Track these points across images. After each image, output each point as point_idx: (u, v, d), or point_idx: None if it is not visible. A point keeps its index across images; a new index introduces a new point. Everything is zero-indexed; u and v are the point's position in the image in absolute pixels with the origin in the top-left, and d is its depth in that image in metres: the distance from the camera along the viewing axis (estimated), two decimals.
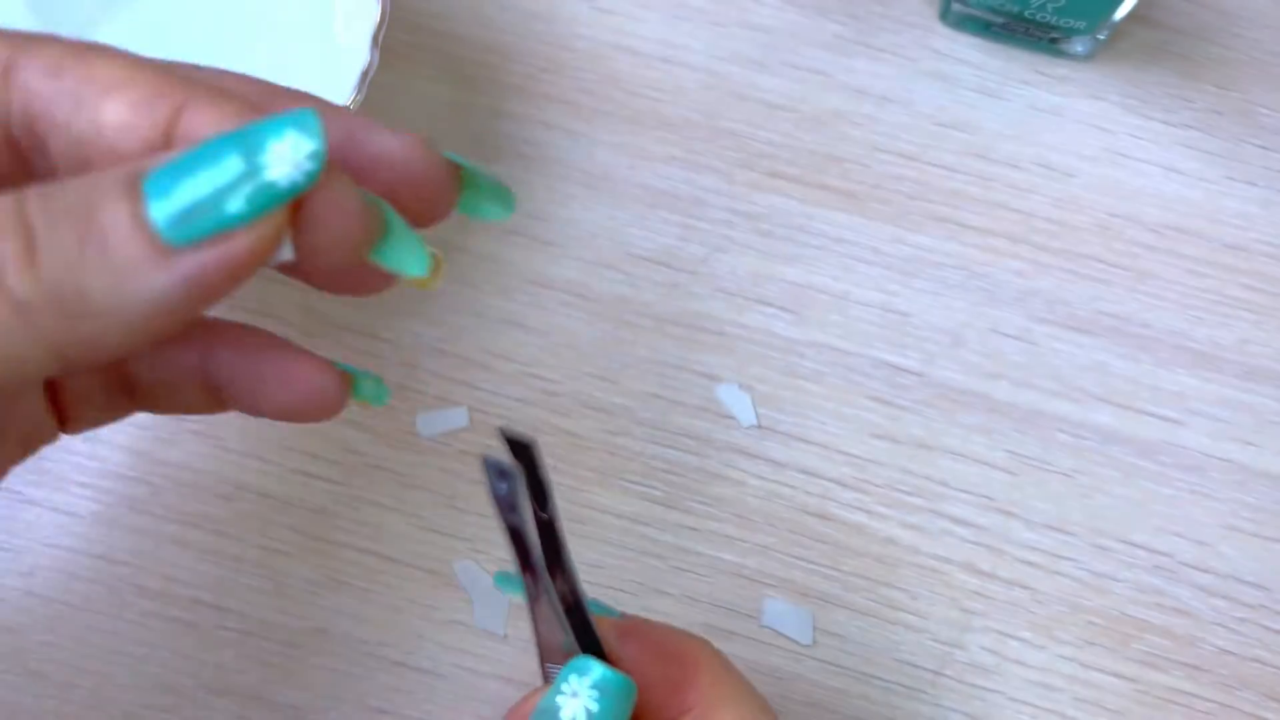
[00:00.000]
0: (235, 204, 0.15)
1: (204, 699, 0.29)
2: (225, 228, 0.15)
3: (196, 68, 0.19)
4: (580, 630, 0.19)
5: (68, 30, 0.34)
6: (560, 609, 0.19)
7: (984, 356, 0.33)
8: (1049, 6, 0.33)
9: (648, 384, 0.32)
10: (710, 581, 0.31)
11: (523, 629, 0.30)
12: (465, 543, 0.31)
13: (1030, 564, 0.31)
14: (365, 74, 0.31)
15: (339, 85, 0.31)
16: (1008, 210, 0.34)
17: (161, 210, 0.15)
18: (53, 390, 0.22)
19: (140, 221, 0.15)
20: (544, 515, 0.19)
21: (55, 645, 0.29)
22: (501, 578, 0.23)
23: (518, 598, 0.21)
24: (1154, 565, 0.31)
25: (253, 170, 0.15)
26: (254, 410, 0.22)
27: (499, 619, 0.30)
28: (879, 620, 0.30)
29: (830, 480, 0.31)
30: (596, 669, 0.18)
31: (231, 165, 0.15)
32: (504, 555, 0.30)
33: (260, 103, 0.17)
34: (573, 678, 0.18)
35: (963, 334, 0.33)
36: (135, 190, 0.15)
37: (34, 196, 0.15)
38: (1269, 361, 0.33)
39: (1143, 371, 0.33)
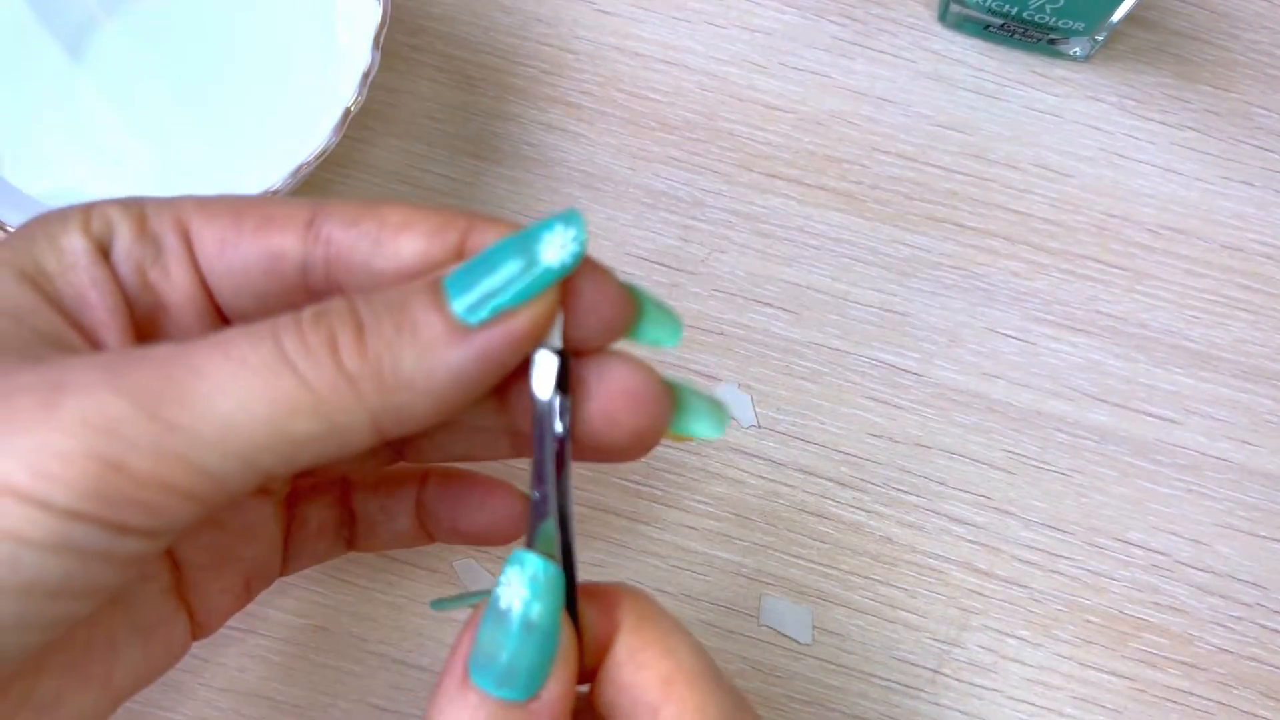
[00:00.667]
0: (516, 287, 0.18)
1: (206, 697, 0.29)
2: (508, 307, 0.18)
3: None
4: (565, 552, 0.20)
5: (67, 28, 0.34)
6: (560, 531, 0.20)
7: (981, 356, 0.33)
8: (1047, 8, 0.33)
9: None
10: (709, 580, 0.31)
11: None
12: None
13: (1028, 563, 0.31)
14: (366, 75, 0.31)
15: (339, 86, 0.31)
16: (1005, 211, 0.34)
17: (459, 300, 0.18)
18: (288, 523, 0.25)
19: (443, 308, 0.18)
20: (560, 432, 0.19)
21: None
22: (438, 603, 0.24)
23: (455, 612, 0.21)
24: (1151, 564, 0.31)
25: (531, 260, 0.18)
26: (453, 534, 0.26)
27: None
28: (877, 619, 0.31)
29: (829, 479, 0.32)
30: (530, 559, 0.19)
31: (515, 261, 0.18)
32: (500, 553, 0.31)
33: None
34: (511, 569, 0.19)
35: (960, 334, 0.33)
36: (438, 287, 0.18)
37: (360, 296, 0.18)
38: (1265, 361, 0.33)
39: (1139, 371, 0.33)
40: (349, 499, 0.26)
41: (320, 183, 0.34)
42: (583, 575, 0.21)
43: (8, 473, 0.16)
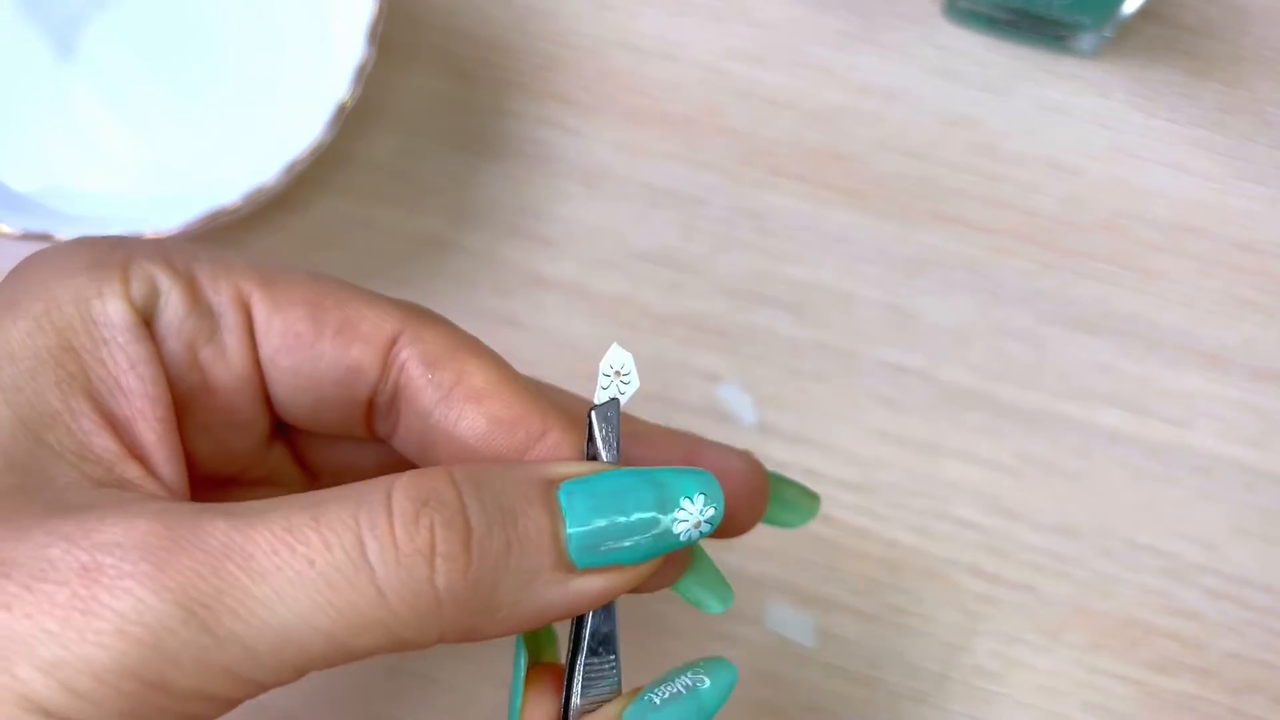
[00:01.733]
0: (637, 548, 0.16)
1: None
2: (621, 562, 0.16)
3: (548, 387, 0.21)
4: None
5: (56, 24, 0.33)
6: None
7: (989, 357, 0.32)
8: (1055, 3, 0.33)
9: (648, 384, 0.32)
10: None
11: None
12: None
13: (1036, 566, 0.31)
14: (361, 69, 0.30)
15: (333, 80, 0.30)
16: (1013, 209, 0.34)
17: (575, 529, 0.16)
18: None
19: (558, 539, 0.16)
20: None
21: None
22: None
23: None
24: (1161, 568, 0.31)
25: (662, 522, 0.17)
26: None
27: None
28: (883, 624, 0.30)
29: (833, 482, 0.31)
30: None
31: (645, 512, 0.16)
32: None
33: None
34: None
35: (968, 334, 0.32)
36: (553, 501, 0.16)
37: (467, 488, 0.16)
38: (1277, 362, 0.32)
39: (1150, 372, 0.32)
40: None
41: (315, 178, 0.33)
42: None
43: (32, 686, 0.14)
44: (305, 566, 0.15)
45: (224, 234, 0.32)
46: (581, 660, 0.18)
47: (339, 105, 0.30)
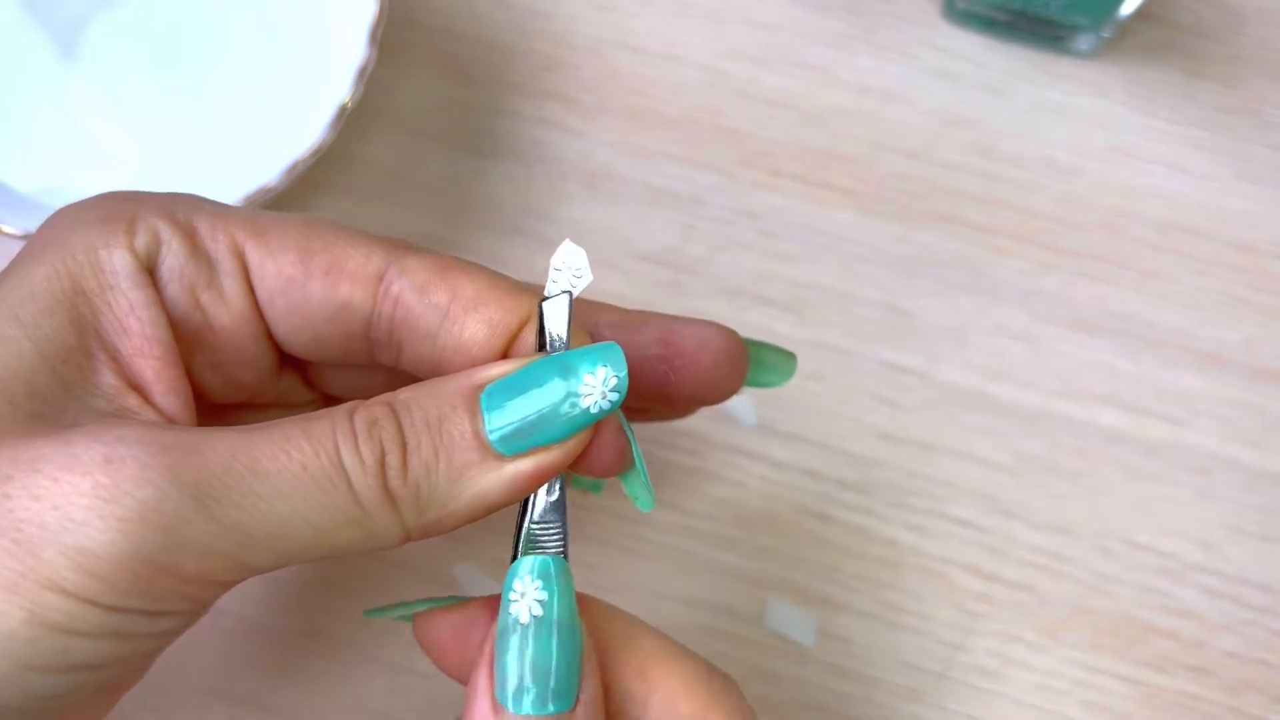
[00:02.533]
0: (553, 427, 0.18)
1: (199, 701, 0.29)
2: (542, 444, 0.18)
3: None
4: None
5: (59, 25, 0.33)
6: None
7: (988, 356, 0.32)
8: (1053, 3, 0.33)
9: None
10: (711, 584, 0.30)
11: None
12: (463, 544, 0.30)
13: (1034, 566, 0.31)
14: (362, 70, 0.30)
15: (335, 82, 0.31)
16: (1011, 209, 0.34)
17: (495, 424, 0.18)
18: None
19: (479, 435, 0.18)
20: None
21: None
22: (370, 612, 0.23)
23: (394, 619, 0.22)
24: (1159, 567, 0.31)
25: (570, 399, 0.18)
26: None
27: None
28: (882, 623, 0.30)
29: (832, 481, 0.31)
30: (528, 560, 0.19)
31: (554, 393, 0.18)
32: (496, 555, 0.30)
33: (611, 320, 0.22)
34: (515, 582, 0.19)
35: (966, 334, 0.32)
36: (475, 405, 0.18)
37: (401, 409, 0.18)
38: (1275, 362, 0.32)
39: (1148, 372, 0.32)
40: None
41: (316, 179, 0.33)
42: (580, 578, 0.20)
43: (56, 569, 0.16)
44: (300, 470, 0.17)
45: None
46: (528, 522, 0.20)
47: (340, 106, 0.30)
